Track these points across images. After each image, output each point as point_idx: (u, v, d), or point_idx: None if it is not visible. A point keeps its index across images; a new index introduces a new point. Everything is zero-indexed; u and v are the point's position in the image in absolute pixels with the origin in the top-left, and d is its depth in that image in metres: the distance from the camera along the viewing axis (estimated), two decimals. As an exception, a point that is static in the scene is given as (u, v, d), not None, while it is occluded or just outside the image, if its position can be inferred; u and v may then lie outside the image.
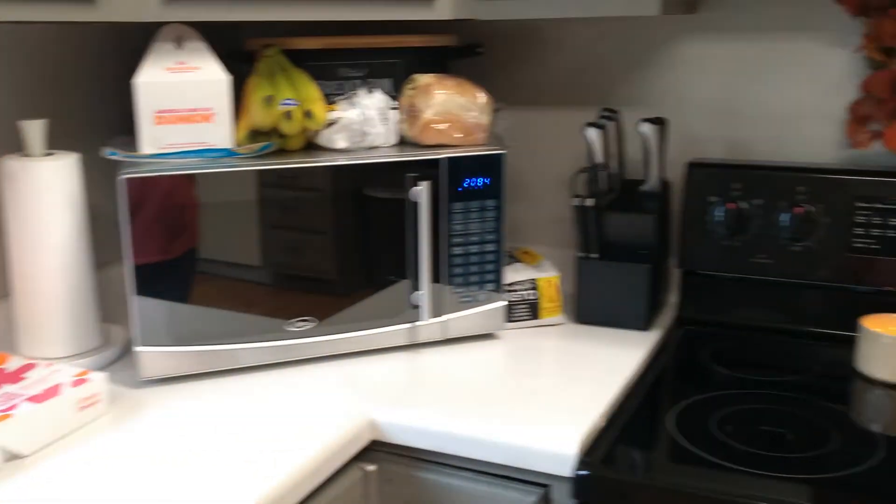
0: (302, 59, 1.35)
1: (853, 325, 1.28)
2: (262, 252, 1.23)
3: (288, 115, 1.25)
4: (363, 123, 1.31)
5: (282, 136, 1.28)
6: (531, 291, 1.43)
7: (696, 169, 1.43)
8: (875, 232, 1.32)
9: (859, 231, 1.33)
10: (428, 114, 1.32)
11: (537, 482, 1.07)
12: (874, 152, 1.38)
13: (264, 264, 1.24)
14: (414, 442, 1.10)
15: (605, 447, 1.05)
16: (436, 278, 1.32)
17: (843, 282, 1.36)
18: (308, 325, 1.27)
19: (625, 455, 1.05)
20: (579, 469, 1.01)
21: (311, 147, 1.32)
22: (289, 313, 1.26)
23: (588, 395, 1.16)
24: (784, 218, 1.36)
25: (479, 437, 1.06)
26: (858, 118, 1.34)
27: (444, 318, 1.34)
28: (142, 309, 1.18)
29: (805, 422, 1.11)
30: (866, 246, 1.33)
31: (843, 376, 1.26)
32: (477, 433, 1.07)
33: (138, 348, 1.19)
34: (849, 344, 1.29)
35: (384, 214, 1.28)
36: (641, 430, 1.12)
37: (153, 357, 1.20)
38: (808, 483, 0.96)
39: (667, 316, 1.48)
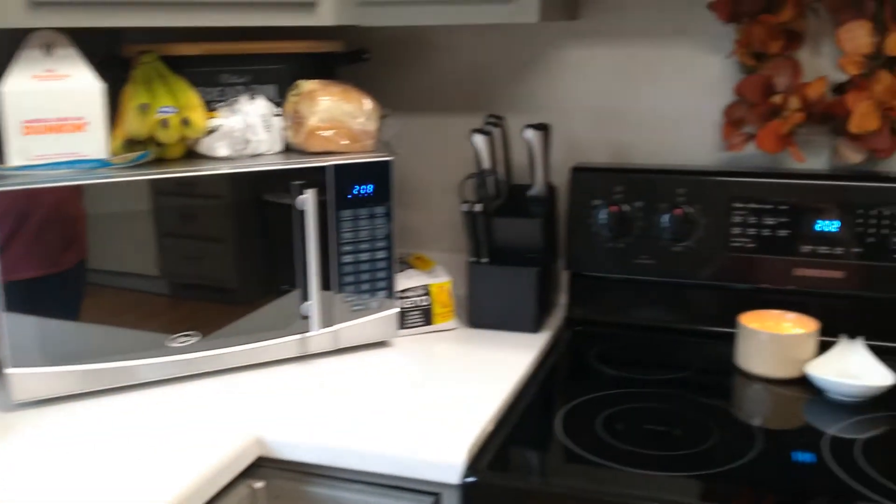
0: (181, 66, 1.31)
1: (733, 322, 1.32)
2: (153, 262, 1.19)
3: (164, 123, 1.21)
4: (245, 131, 1.28)
5: (159, 144, 1.24)
6: (424, 297, 1.43)
7: (580, 173, 1.46)
8: (751, 231, 1.37)
9: (736, 231, 1.38)
10: (313, 120, 1.30)
11: (428, 491, 1.06)
12: (748, 154, 1.43)
13: (155, 274, 1.20)
14: (302, 457, 1.08)
15: (492, 453, 1.06)
16: (326, 287, 1.30)
17: (722, 280, 1.41)
18: (192, 340, 1.24)
19: (512, 460, 1.05)
20: (467, 476, 1.01)
21: (193, 155, 1.29)
22: (177, 326, 1.22)
23: (477, 401, 1.16)
24: (664, 219, 1.40)
25: (368, 450, 1.05)
26: (733, 121, 1.39)
27: (335, 327, 1.32)
28: (13, 327, 1.12)
29: (688, 419, 1.14)
30: (743, 245, 1.38)
31: (724, 372, 1.30)
32: (365, 446, 1.06)
33: (9, 370, 1.13)
34: (730, 340, 1.34)
35: (272, 223, 1.26)
36: (529, 433, 1.13)
37: (26, 378, 1.14)
38: (691, 479, 0.99)
39: (557, 317, 1.51)
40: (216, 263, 1.23)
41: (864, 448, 1.05)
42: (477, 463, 1.03)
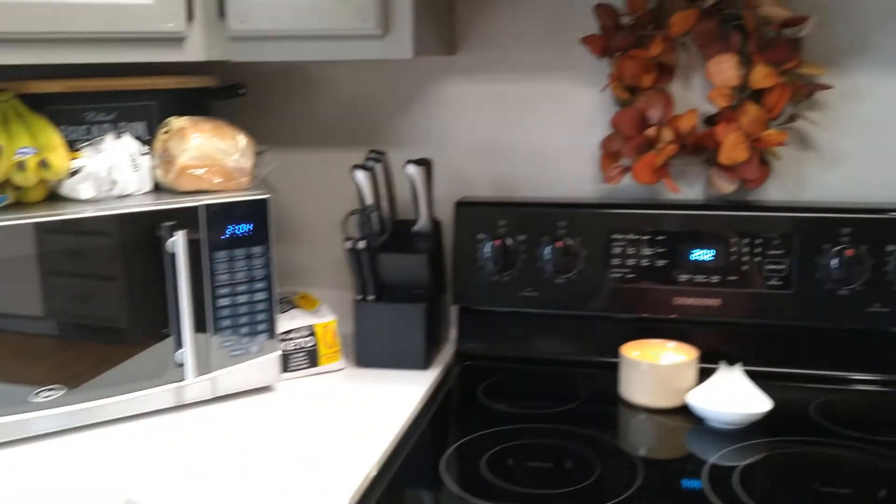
0: (43, 104, 1.25)
1: (615, 352, 1.34)
2: (9, 314, 1.12)
3: (21, 165, 1.14)
4: (111, 171, 1.22)
5: (17, 188, 1.17)
6: (309, 338, 1.39)
7: (464, 207, 1.45)
8: (630, 262, 1.39)
9: (616, 262, 1.40)
10: (183, 158, 1.25)
11: (309, 543, 1.02)
12: (626, 185, 1.45)
13: (13, 327, 1.12)
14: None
15: (374, 500, 1.03)
16: (202, 332, 1.25)
17: (605, 311, 1.42)
18: (57, 394, 1.16)
19: (395, 506, 1.03)
20: (347, 527, 0.98)
21: (56, 198, 1.22)
22: (42, 378, 1.15)
23: (363, 445, 1.13)
24: (547, 252, 1.41)
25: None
26: (609, 154, 1.42)
27: (212, 374, 1.27)
28: None
29: (574, 453, 1.14)
30: (623, 275, 1.40)
31: (609, 403, 1.31)
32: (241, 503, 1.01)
33: None
34: (614, 370, 1.34)
35: (143, 268, 1.20)
36: (414, 476, 1.10)
37: None
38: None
39: (447, 352, 1.49)
40: (95, 307, 1.17)
41: (742, 475, 1.07)
42: (358, 513, 1.00)
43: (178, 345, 1.23)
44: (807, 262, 1.33)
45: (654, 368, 1.26)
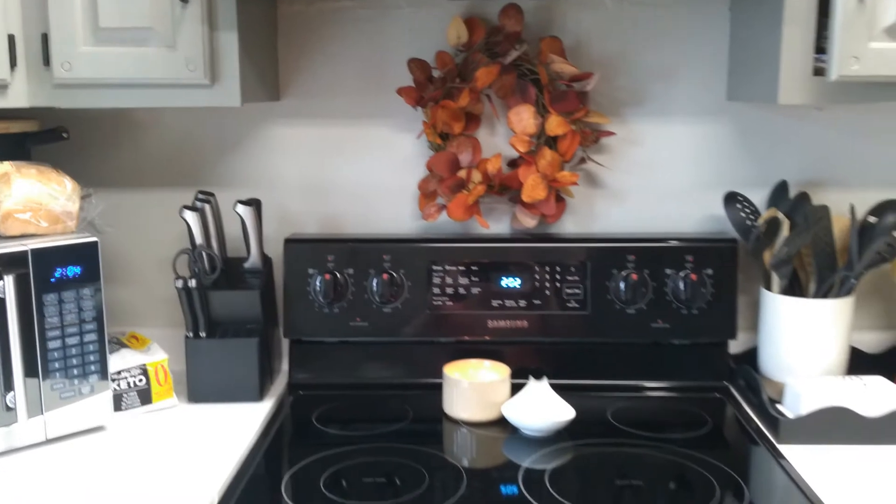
0: None
1: (439, 372, 1.46)
2: None
3: None
4: (-69, 217, 1.21)
5: None
6: (140, 377, 1.41)
7: (293, 244, 1.53)
8: (449, 290, 1.53)
9: (436, 291, 1.53)
10: (8, 203, 1.26)
11: (153, 573, 1.06)
12: (443, 222, 1.59)
13: None
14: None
15: (218, 526, 1.08)
16: (32, 374, 1.24)
17: (428, 336, 1.54)
18: None
19: (239, 529, 1.08)
20: (193, 552, 1.02)
21: None
22: None
23: (201, 478, 1.18)
24: (374, 284, 1.51)
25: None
26: (426, 194, 1.55)
27: (43, 416, 1.26)
28: None
29: (405, 467, 1.24)
30: (443, 303, 1.53)
31: (435, 420, 1.42)
32: (83, 535, 1.03)
33: None
34: (439, 389, 1.46)
35: (-36, 314, 1.19)
36: (255, 502, 1.16)
37: None
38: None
39: (280, 384, 1.55)
40: None
41: (552, 476, 1.21)
42: (203, 538, 1.04)
43: (8, 387, 1.23)
44: (599, 286, 1.52)
45: (473, 386, 1.39)
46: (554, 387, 1.42)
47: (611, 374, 1.55)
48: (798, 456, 1.25)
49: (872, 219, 1.40)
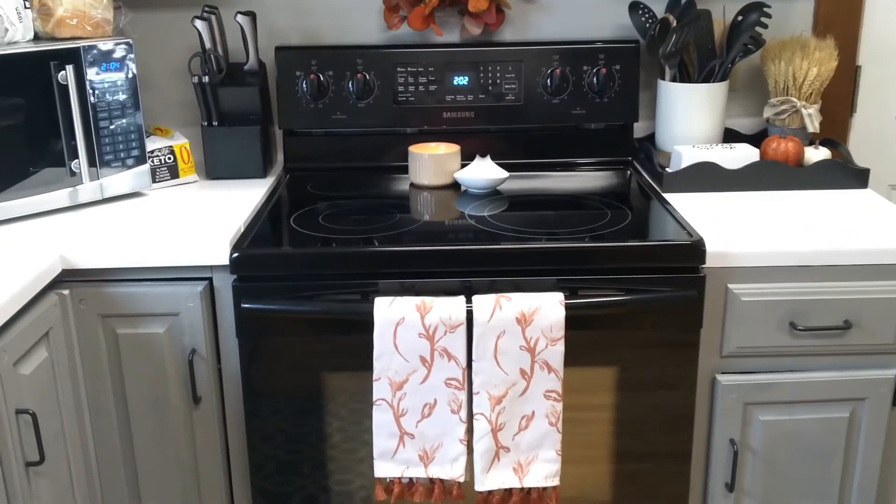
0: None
1: (406, 156, 1.84)
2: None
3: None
4: (2, 21, 1.54)
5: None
6: (169, 156, 1.78)
7: (282, 51, 1.88)
8: (411, 88, 1.90)
9: (401, 89, 1.89)
10: (59, 11, 1.58)
11: (202, 277, 1.47)
12: (404, 32, 1.94)
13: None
14: (98, 264, 1.43)
15: (249, 240, 1.48)
16: (90, 147, 1.61)
17: (395, 126, 1.92)
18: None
19: (262, 242, 1.49)
20: (233, 253, 1.43)
21: (-46, 44, 1.52)
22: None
23: (229, 217, 1.58)
24: (350, 84, 1.88)
25: (153, 251, 1.43)
26: (390, 7, 1.89)
27: (100, 180, 1.64)
28: None
29: (381, 211, 1.64)
30: (406, 99, 1.90)
31: (402, 187, 1.82)
32: (150, 249, 1.43)
33: None
34: (405, 169, 1.85)
35: (36, 100, 1.54)
36: (272, 229, 1.57)
37: None
38: (387, 243, 1.49)
39: (277, 168, 1.94)
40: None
41: (490, 216, 1.63)
42: (237, 248, 1.45)
43: (72, 156, 1.59)
44: (531, 82, 1.90)
45: (432, 157, 1.79)
46: (496, 163, 1.82)
47: (541, 154, 1.95)
48: (675, 198, 1.68)
49: (740, 18, 1.79)
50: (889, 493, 1.61)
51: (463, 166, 1.80)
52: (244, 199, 1.70)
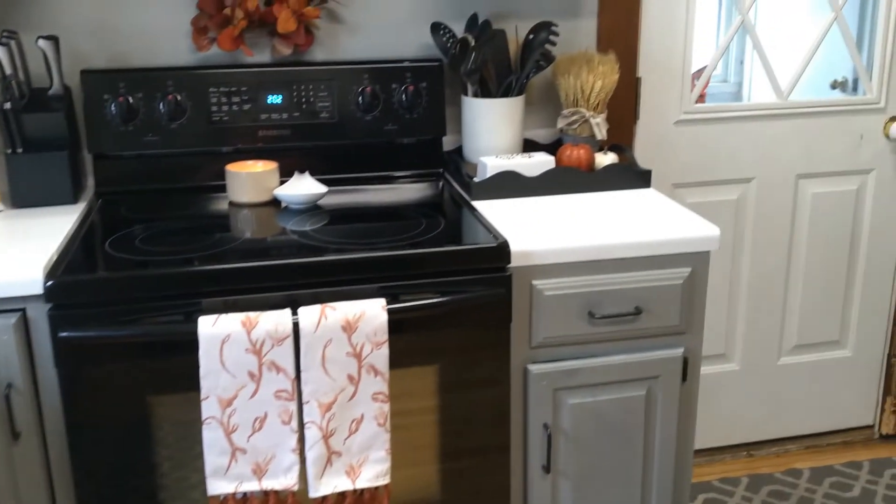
0: None
1: (223, 175, 1.86)
2: None
3: None
4: None
5: None
6: (-33, 187, 1.71)
7: (89, 75, 1.85)
8: (224, 108, 1.92)
9: (214, 109, 1.91)
10: None
11: (14, 308, 1.43)
12: (215, 53, 1.96)
13: None
14: None
15: (62, 267, 1.46)
16: None
17: (209, 146, 1.93)
18: None
19: (77, 268, 1.47)
20: (47, 281, 1.40)
21: None
22: None
23: (40, 245, 1.54)
24: (161, 105, 1.87)
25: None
26: (199, 29, 1.91)
27: None
28: None
29: (200, 232, 1.66)
30: (220, 119, 1.92)
31: (221, 207, 1.84)
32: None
33: None
34: (223, 189, 1.87)
35: None
36: (86, 255, 1.55)
37: None
38: (208, 261, 1.51)
39: (88, 194, 1.90)
40: None
41: (312, 231, 1.68)
42: (51, 276, 1.42)
43: None
44: (343, 100, 1.97)
45: (250, 175, 1.82)
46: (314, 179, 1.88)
47: (357, 169, 2.03)
48: (483, 205, 1.81)
49: (531, 36, 1.95)
50: (685, 462, 1.81)
51: (282, 183, 1.85)
52: (55, 225, 1.66)
